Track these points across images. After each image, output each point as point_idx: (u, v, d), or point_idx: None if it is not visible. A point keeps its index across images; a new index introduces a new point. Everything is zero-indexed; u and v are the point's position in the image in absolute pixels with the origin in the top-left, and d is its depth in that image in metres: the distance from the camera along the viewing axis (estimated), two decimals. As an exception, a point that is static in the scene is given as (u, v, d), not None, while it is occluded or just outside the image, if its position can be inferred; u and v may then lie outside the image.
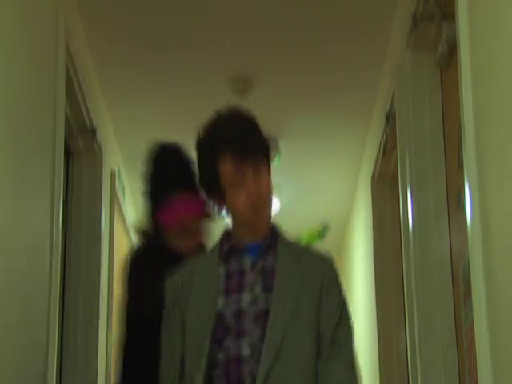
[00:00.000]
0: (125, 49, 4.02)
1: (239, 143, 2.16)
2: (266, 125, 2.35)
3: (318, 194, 6.00)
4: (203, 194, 2.32)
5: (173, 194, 2.60)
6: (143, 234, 2.77)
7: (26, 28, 2.75)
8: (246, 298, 2.14)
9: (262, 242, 2.22)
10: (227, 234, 2.26)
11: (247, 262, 2.19)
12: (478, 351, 2.17)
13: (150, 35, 3.90)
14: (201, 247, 2.64)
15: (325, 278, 2.19)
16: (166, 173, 2.66)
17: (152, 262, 2.65)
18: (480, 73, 2.21)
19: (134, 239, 2.74)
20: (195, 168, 2.36)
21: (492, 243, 2.09)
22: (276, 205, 5.43)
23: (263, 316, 2.12)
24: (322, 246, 6.85)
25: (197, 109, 4.63)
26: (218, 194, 2.21)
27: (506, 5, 1.96)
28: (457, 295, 3.06)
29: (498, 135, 2.04)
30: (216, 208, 2.25)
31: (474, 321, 2.21)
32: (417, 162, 3.28)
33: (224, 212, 2.25)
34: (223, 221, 2.34)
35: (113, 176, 4.63)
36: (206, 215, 2.62)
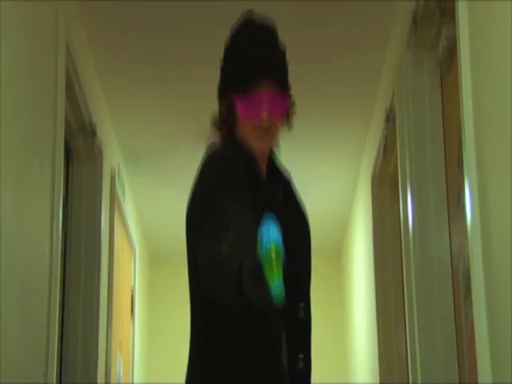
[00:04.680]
0: (125, 48, 4.01)
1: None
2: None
3: (318, 192, 6.00)
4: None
5: (254, 79, 2.06)
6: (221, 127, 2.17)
7: (27, 28, 2.75)
8: None
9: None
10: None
11: None
12: (478, 349, 2.17)
13: (151, 34, 3.90)
14: (272, 153, 2.24)
15: None
16: (245, 49, 2.14)
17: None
18: (480, 73, 2.22)
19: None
20: (282, 56, 2.18)
21: (492, 242, 2.09)
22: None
23: None
24: (322, 243, 6.86)
25: (198, 107, 4.65)
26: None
27: (505, 4, 1.96)
28: (457, 294, 3.06)
29: (498, 135, 2.04)
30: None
31: (474, 319, 2.21)
32: (417, 161, 3.28)
33: None
34: None
35: (113, 175, 4.63)
36: (288, 117, 2.20)
